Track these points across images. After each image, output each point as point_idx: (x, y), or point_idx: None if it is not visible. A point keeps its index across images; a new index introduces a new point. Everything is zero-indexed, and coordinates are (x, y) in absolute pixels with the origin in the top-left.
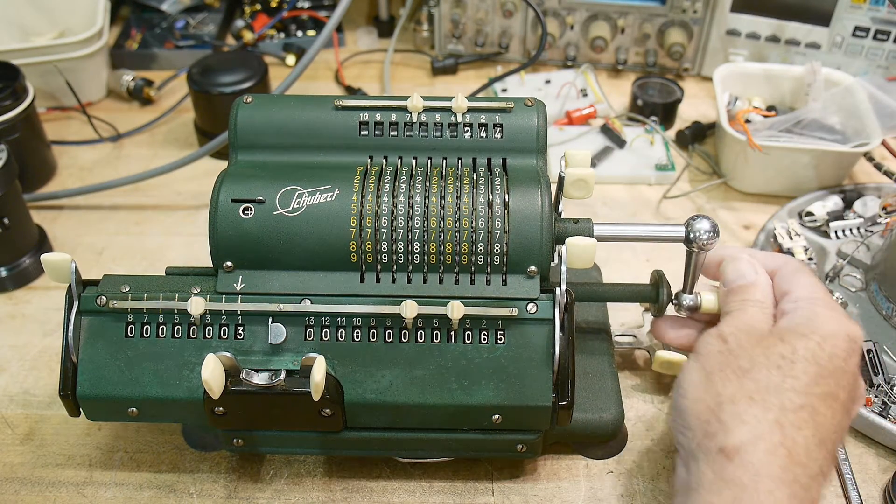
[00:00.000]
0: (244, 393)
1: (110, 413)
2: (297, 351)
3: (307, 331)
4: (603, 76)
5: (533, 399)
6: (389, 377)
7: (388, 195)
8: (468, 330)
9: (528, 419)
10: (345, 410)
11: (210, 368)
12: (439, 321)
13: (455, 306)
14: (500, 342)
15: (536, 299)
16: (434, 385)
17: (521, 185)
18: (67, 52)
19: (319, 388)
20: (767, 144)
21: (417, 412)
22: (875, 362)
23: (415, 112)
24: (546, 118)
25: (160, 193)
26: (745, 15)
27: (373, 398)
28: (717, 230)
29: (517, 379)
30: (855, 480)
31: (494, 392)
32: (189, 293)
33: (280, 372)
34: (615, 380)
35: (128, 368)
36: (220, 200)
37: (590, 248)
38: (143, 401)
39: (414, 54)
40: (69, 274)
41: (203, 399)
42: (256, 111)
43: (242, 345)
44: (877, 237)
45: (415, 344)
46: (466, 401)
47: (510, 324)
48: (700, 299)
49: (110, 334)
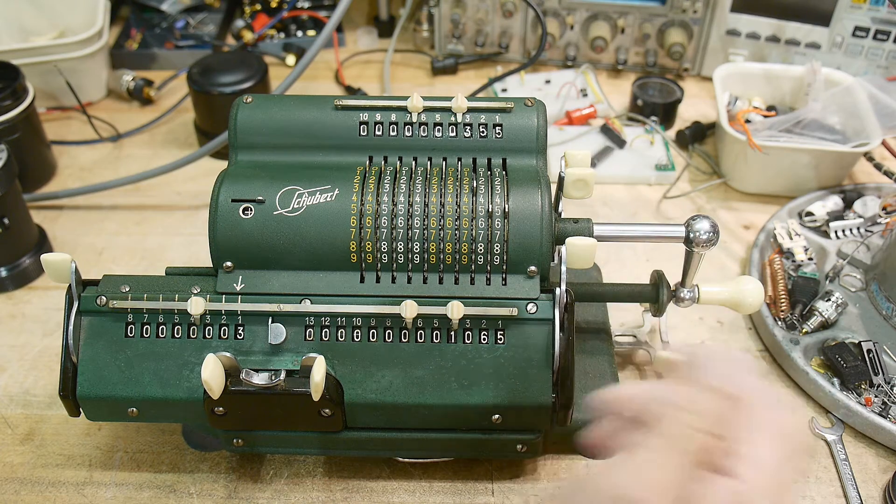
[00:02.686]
0: (244, 393)
1: (110, 413)
2: (297, 351)
3: (307, 331)
4: (603, 76)
5: (533, 399)
6: (389, 377)
7: (387, 195)
8: (468, 330)
9: (527, 419)
10: (345, 410)
11: (210, 368)
12: (439, 321)
13: (455, 306)
14: (500, 342)
15: (536, 299)
16: (434, 385)
17: (521, 186)
18: (67, 52)
19: (319, 388)
20: (767, 144)
21: (417, 412)
22: (875, 362)
23: (415, 112)
24: (546, 118)
25: (160, 193)
26: (745, 15)
27: (373, 398)
28: (716, 230)
29: (517, 379)
30: (855, 480)
31: (494, 392)
32: (189, 293)
33: (280, 372)
34: (615, 380)
35: (128, 368)
36: (220, 200)
37: (590, 248)
38: (143, 401)
39: (414, 54)
40: (69, 274)
41: (203, 399)
42: (256, 111)
43: (242, 345)
44: (877, 237)
45: (415, 344)
46: (466, 401)
47: (510, 324)
48: (698, 292)
49: (110, 334)
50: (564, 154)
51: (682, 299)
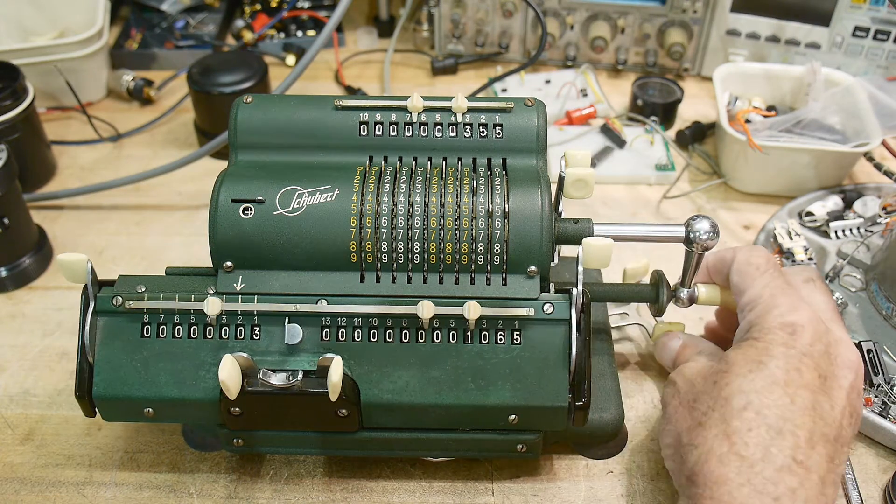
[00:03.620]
0: (261, 393)
1: (126, 413)
2: (314, 351)
3: (323, 331)
4: (603, 76)
5: (549, 399)
6: (406, 377)
7: (388, 195)
8: (484, 330)
9: (543, 420)
10: (361, 411)
11: (227, 369)
12: (455, 321)
13: (472, 306)
14: (517, 342)
15: (537, 299)
16: (450, 385)
17: (521, 186)
18: (67, 52)
19: (337, 388)
20: (767, 144)
21: (434, 412)
22: (875, 362)
23: (415, 112)
24: (546, 118)
25: (160, 193)
26: (745, 15)
27: (389, 398)
28: (717, 230)
29: (533, 379)
30: (855, 480)
31: (511, 392)
32: (205, 293)
33: (297, 372)
34: (615, 380)
35: (144, 369)
36: (220, 200)
37: (607, 248)
38: (160, 401)
39: (414, 54)
40: (85, 274)
41: (219, 399)
42: (256, 111)
43: (258, 345)
44: (877, 237)
45: (431, 344)
46: (483, 401)
47: (526, 324)
48: (697, 292)
49: (126, 335)
50: (564, 154)
51: (681, 299)
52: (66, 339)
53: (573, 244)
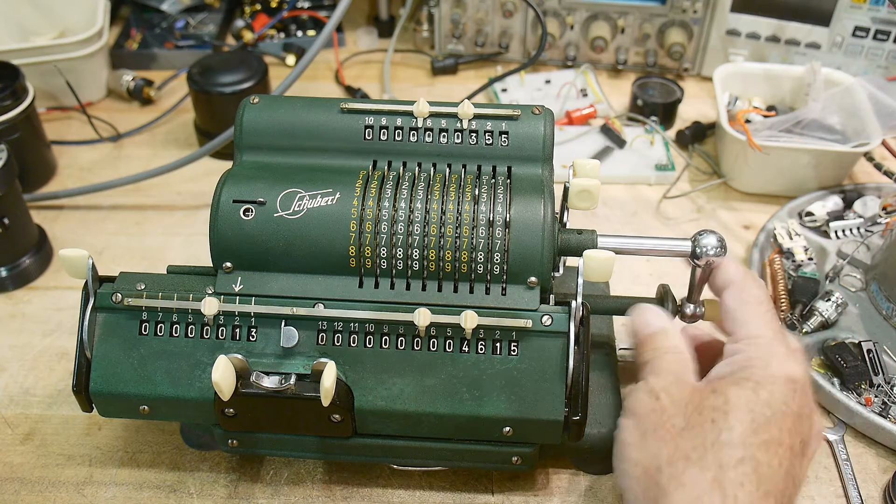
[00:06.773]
0: (254, 395)
1: (122, 410)
2: (309, 355)
3: (319, 335)
4: (603, 76)
5: (545, 413)
6: (401, 385)
7: (389, 200)
8: (481, 340)
9: (538, 433)
10: (355, 417)
11: (221, 370)
12: (452, 330)
13: (469, 316)
14: (514, 353)
15: (536, 310)
16: (445, 394)
17: (524, 195)
18: (67, 52)
19: (329, 393)
20: (767, 144)
21: (428, 421)
22: (875, 362)
23: (420, 117)
24: (553, 127)
25: (160, 193)
26: (745, 15)
27: (383, 405)
28: (724, 245)
29: (529, 392)
30: (855, 480)
31: (506, 404)
32: (203, 293)
33: (290, 376)
34: (616, 395)
35: (140, 366)
36: (221, 201)
37: (608, 261)
38: (155, 399)
39: (414, 54)
40: (86, 270)
41: (214, 400)
42: (262, 112)
43: (254, 347)
44: (877, 237)
45: (427, 352)
46: (477, 412)
47: (524, 335)
48: (703, 309)
49: (124, 332)
50: (574, 163)
51: (687, 315)
52: (66, 339)
53: (576, 255)
